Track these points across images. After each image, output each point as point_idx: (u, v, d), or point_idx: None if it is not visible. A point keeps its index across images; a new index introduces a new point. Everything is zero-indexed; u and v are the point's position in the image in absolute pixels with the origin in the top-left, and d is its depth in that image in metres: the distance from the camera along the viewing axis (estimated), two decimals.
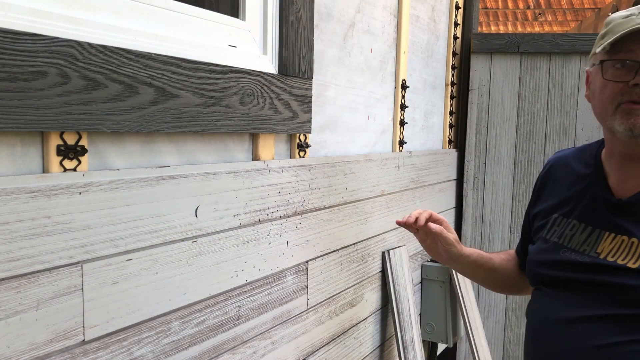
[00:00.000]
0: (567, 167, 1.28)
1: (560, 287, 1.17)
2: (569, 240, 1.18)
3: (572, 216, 1.20)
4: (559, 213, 1.23)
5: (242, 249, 1.36)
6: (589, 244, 1.14)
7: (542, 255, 1.23)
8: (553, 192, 1.29)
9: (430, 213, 1.37)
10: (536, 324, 1.21)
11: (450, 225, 1.40)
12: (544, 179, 1.35)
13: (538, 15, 8.07)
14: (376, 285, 2.14)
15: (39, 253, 0.91)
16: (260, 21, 1.45)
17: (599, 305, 1.08)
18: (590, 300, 1.10)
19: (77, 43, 0.94)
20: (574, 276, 1.13)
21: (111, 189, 1.02)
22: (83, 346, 0.99)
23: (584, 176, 1.22)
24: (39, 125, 0.90)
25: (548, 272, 1.20)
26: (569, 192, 1.23)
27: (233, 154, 1.37)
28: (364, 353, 2.08)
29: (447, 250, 1.36)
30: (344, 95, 1.86)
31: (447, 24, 2.82)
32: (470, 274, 1.50)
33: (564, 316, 1.13)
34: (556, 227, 1.22)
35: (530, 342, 1.23)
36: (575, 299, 1.12)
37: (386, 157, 2.13)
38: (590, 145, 1.27)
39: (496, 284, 1.49)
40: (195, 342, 1.24)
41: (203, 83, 1.20)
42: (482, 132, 2.99)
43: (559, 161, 1.33)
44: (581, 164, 1.25)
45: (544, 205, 1.30)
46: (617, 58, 1.07)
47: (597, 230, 1.14)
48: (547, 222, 1.25)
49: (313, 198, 1.65)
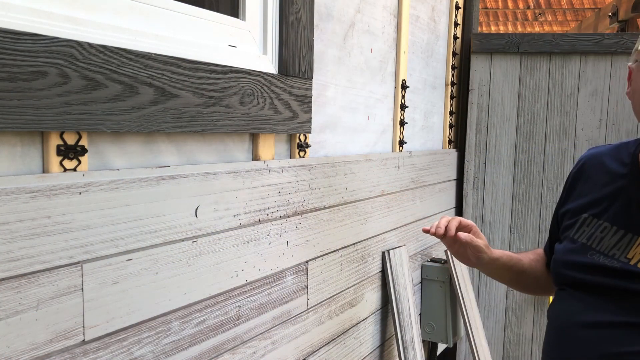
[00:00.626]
0: (602, 165, 1.22)
1: (586, 290, 1.13)
2: (598, 243, 1.13)
3: (603, 217, 1.15)
4: (589, 213, 1.18)
5: (242, 249, 1.36)
6: (620, 248, 1.09)
7: (569, 256, 1.18)
8: (584, 190, 1.23)
9: (459, 221, 1.32)
10: (558, 326, 1.18)
11: (479, 230, 1.35)
12: (576, 176, 1.28)
13: (538, 15, 8.07)
14: (376, 285, 2.14)
15: (39, 253, 0.91)
16: (260, 21, 1.45)
17: (625, 312, 1.05)
18: (617, 306, 1.06)
19: (77, 43, 0.94)
20: (602, 280, 1.10)
21: (111, 189, 1.02)
22: (83, 346, 0.99)
23: (619, 176, 1.16)
24: (39, 125, 0.90)
25: (574, 274, 1.16)
26: (602, 192, 1.18)
27: (233, 154, 1.37)
28: (364, 353, 2.08)
29: (478, 257, 1.31)
30: (344, 95, 1.86)
31: (447, 24, 2.82)
32: (500, 277, 1.44)
33: (588, 320, 1.10)
34: (585, 228, 1.18)
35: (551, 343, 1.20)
36: (600, 304, 1.09)
37: (386, 157, 2.13)
38: (628, 143, 1.21)
39: (527, 286, 1.45)
40: (195, 342, 1.24)
41: (203, 83, 1.20)
42: (482, 132, 2.99)
43: (592, 158, 1.26)
44: (617, 162, 1.18)
45: (574, 203, 1.24)
46: None
47: (629, 235, 1.09)
48: (576, 221, 1.20)
49: (313, 198, 1.65)
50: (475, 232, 1.32)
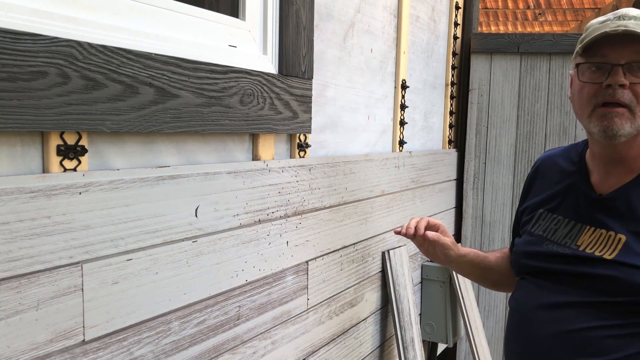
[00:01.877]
0: (555, 165, 1.34)
1: (542, 276, 1.23)
2: (552, 234, 1.24)
3: (557, 211, 1.27)
4: (544, 208, 1.30)
5: (242, 249, 1.36)
6: (571, 237, 1.20)
7: (527, 247, 1.29)
8: (540, 189, 1.35)
9: (427, 221, 1.46)
10: (517, 311, 1.27)
11: (446, 229, 1.48)
12: (532, 177, 1.41)
13: (538, 15, 8.07)
14: (376, 285, 2.14)
15: (39, 253, 0.91)
16: (260, 21, 1.45)
17: (576, 293, 1.14)
18: (569, 288, 1.16)
19: (77, 43, 0.94)
20: (555, 267, 1.20)
21: (111, 189, 1.02)
22: (83, 346, 0.99)
23: (569, 173, 1.28)
24: (39, 125, 0.90)
25: (532, 262, 1.26)
26: (555, 189, 1.30)
27: (233, 154, 1.37)
28: (364, 353, 2.08)
29: (445, 254, 1.45)
30: (344, 95, 1.86)
31: (447, 24, 2.82)
32: (468, 273, 1.56)
33: (544, 302, 1.19)
34: (541, 222, 1.29)
35: (511, 327, 1.28)
36: (554, 288, 1.19)
37: (386, 157, 2.13)
38: (577, 144, 1.33)
39: (493, 282, 1.54)
40: (195, 342, 1.24)
41: (203, 83, 1.20)
42: (482, 132, 2.99)
43: (546, 160, 1.39)
44: (567, 162, 1.31)
45: (531, 201, 1.36)
46: (592, 61, 1.14)
47: (578, 225, 1.21)
48: (533, 216, 1.32)
49: (313, 198, 1.65)
50: (443, 231, 1.46)
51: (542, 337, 1.17)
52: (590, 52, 1.14)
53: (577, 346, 1.12)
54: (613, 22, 1.12)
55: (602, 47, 1.12)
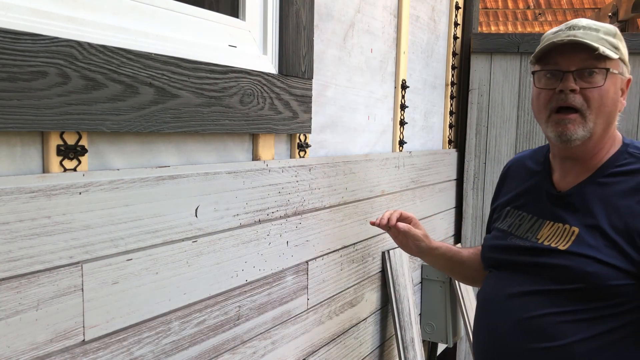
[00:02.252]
0: (523, 166, 1.45)
1: (505, 268, 1.32)
2: (516, 229, 1.34)
3: (522, 208, 1.37)
4: (511, 206, 1.41)
5: (242, 249, 1.36)
6: (532, 231, 1.30)
7: (493, 242, 1.40)
8: (510, 188, 1.46)
9: (400, 213, 1.55)
10: (483, 302, 1.36)
11: (419, 222, 1.58)
12: (503, 178, 1.52)
13: (538, 15, 8.07)
14: (376, 285, 2.14)
15: (39, 253, 0.91)
16: (260, 21, 1.45)
17: (534, 282, 1.23)
18: (527, 278, 1.25)
19: (77, 43, 0.94)
20: (516, 259, 1.29)
21: (111, 189, 1.02)
22: (83, 346, 0.99)
23: (534, 173, 1.39)
24: (39, 125, 0.90)
25: (497, 255, 1.36)
26: (522, 188, 1.41)
27: (233, 154, 1.37)
28: (364, 353, 2.08)
29: (417, 245, 1.54)
30: (344, 95, 1.86)
31: (447, 24, 2.82)
32: (441, 266, 1.64)
33: (506, 293, 1.28)
34: (508, 218, 1.39)
35: (477, 318, 1.37)
36: (515, 278, 1.28)
37: (386, 157, 2.13)
38: (544, 146, 1.43)
39: (466, 276, 1.62)
40: (195, 342, 1.24)
41: (203, 83, 1.20)
42: (482, 132, 2.99)
43: (516, 162, 1.50)
44: (534, 162, 1.42)
45: (501, 200, 1.47)
46: (546, 69, 1.24)
47: (540, 220, 1.30)
48: (501, 214, 1.43)
49: (313, 198, 1.65)
50: (415, 224, 1.56)
51: (503, 325, 1.25)
52: (545, 61, 1.24)
53: (533, 332, 1.20)
54: (564, 32, 1.21)
55: (555, 56, 1.22)
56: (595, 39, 1.18)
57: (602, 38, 1.19)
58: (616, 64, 1.21)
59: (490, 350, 1.30)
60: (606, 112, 1.20)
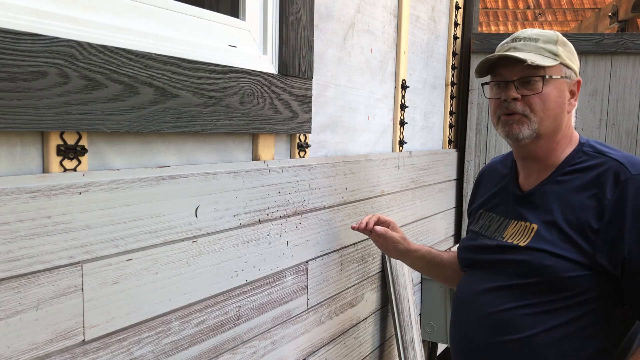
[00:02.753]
0: (495, 170, 1.53)
1: (476, 267, 1.40)
2: (486, 229, 1.42)
3: (492, 210, 1.45)
4: (483, 208, 1.48)
5: (242, 249, 1.36)
6: (499, 231, 1.37)
7: (466, 242, 1.48)
8: (483, 192, 1.54)
9: (377, 217, 1.65)
10: (457, 300, 1.43)
11: (397, 226, 1.67)
12: (477, 183, 1.60)
13: (538, 15, 8.07)
14: (376, 285, 2.14)
15: (39, 253, 0.91)
16: (260, 21, 1.45)
17: (499, 278, 1.30)
18: (494, 275, 1.31)
19: (77, 43, 0.94)
20: (484, 257, 1.37)
21: (111, 189, 1.02)
22: (83, 346, 0.99)
23: (504, 176, 1.47)
24: (39, 125, 0.90)
25: (469, 255, 1.44)
26: (493, 191, 1.48)
27: (233, 154, 1.37)
28: (364, 353, 2.08)
29: (395, 247, 1.63)
30: (344, 95, 1.86)
31: (447, 24, 2.82)
32: (421, 268, 1.70)
33: (476, 290, 1.34)
34: (480, 220, 1.47)
35: (452, 315, 1.44)
36: (484, 275, 1.34)
37: (386, 157, 2.13)
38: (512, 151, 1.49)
39: (446, 277, 1.67)
40: (195, 342, 1.24)
41: (203, 83, 1.20)
42: (482, 132, 2.99)
43: (489, 167, 1.58)
44: (504, 167, 1.50)
45: (476, 203, 1.55)
46: (493, 80, 1.33)
47: (506, 220, 1.38)
48: (475, 217, 1.51)
49: (313, 198, 1.65)
50: (393, 227, 1.66)
51: (473, 321, 1.32)
52: (494, 72, 1.33)
53: (498, 326, 1.26)
54: (508, 45, 1.31)
55: (500, 68, 1.30)
56: (532, 49, 1.27)
57: (540, 47, 1.28)
58: (557, 69, 1.28)
59: (460, 346, 1.37)
60: (551, 115, 1.28)
